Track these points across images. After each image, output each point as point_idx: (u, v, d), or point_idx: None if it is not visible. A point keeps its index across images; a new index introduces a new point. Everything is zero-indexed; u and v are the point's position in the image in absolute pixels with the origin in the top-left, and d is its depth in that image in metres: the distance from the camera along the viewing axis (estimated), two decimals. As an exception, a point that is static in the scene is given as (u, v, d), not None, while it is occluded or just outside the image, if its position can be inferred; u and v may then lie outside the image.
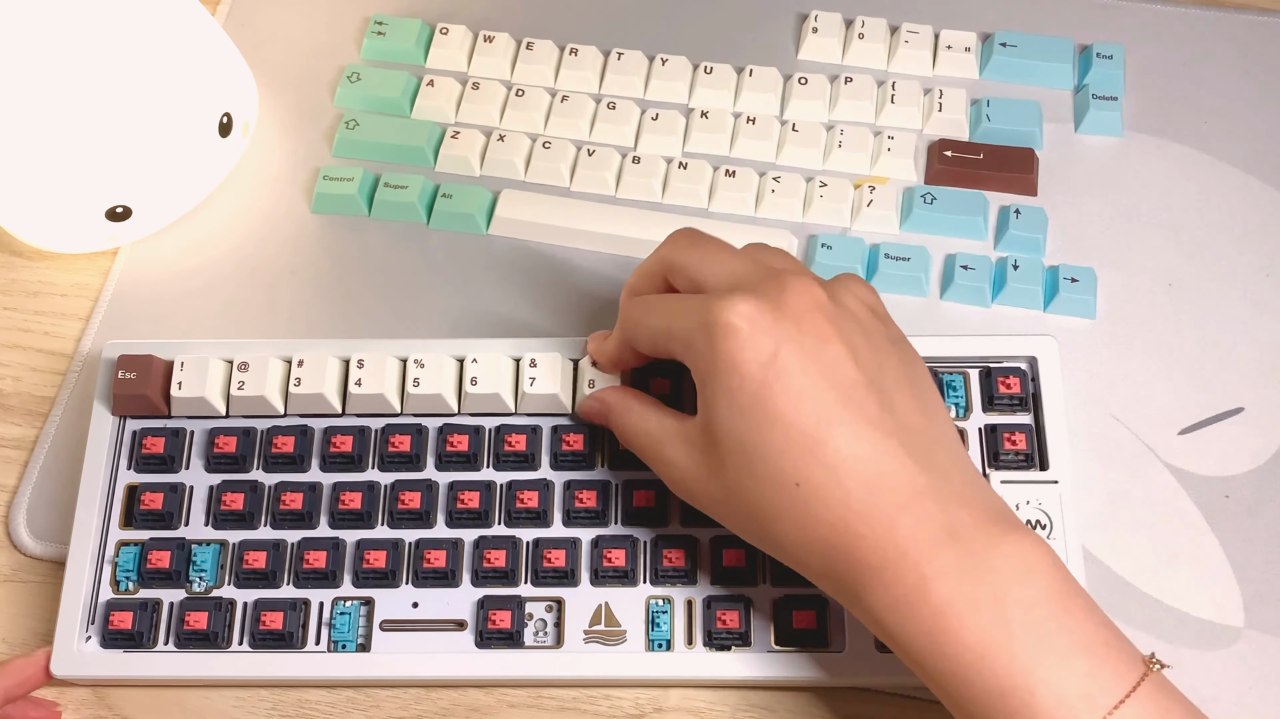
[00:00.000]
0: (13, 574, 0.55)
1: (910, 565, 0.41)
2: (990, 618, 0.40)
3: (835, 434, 0.42)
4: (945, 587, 0.40)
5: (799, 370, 0.42)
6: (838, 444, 0.42)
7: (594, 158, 0.61)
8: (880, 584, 0.41)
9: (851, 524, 0.42)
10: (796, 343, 0.43)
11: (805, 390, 0.42)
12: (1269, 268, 0.59)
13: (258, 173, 0.62)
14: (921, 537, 0.41)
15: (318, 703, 0.51)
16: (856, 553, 0.42)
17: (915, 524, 0.41)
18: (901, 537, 0.41)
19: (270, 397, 0.53)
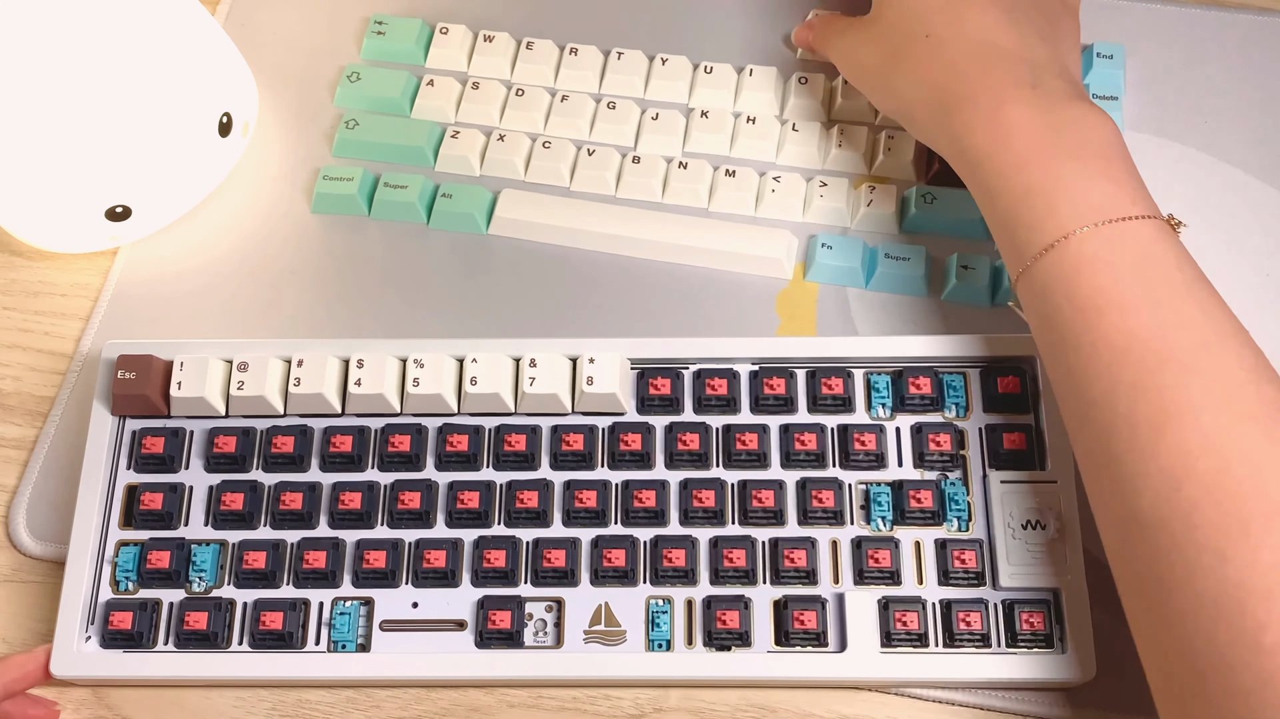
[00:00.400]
0: (13, 574, 0.55)
1: (994, 96, 0.50)
2: (1041, 139, 0.48)
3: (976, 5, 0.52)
4: (1014, 112, 0.49)
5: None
6: (975, 12, 0.52)
7: (594, 158, 0.61)
8: (967, 108, 0.50)
9: (963, 65, 0.51)
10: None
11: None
12: (1269, 268, 0.59)
13: (258, 173, 0.62)
14: (1013, 81, 0.50)
15: (318, 703, 0.51)
16: (957, 86, 0.51)
17: (1011, 73, 0.50)
18: (997, 78, 0.50)
19: (270, 397, 0.53)
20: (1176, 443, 0.43)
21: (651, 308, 0.58)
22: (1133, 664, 0.50)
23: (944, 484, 0.51)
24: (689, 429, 0.52)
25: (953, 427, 0.52)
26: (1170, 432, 0.43)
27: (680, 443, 0.52)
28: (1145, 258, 0.46)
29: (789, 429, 0.52)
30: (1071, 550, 0.50)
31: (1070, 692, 0.50)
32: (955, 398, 0.53)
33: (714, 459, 0.52)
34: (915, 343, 0.53)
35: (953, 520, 0.51)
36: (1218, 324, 0.45)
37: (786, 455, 0.52)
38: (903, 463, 0.52)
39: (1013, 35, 0.52)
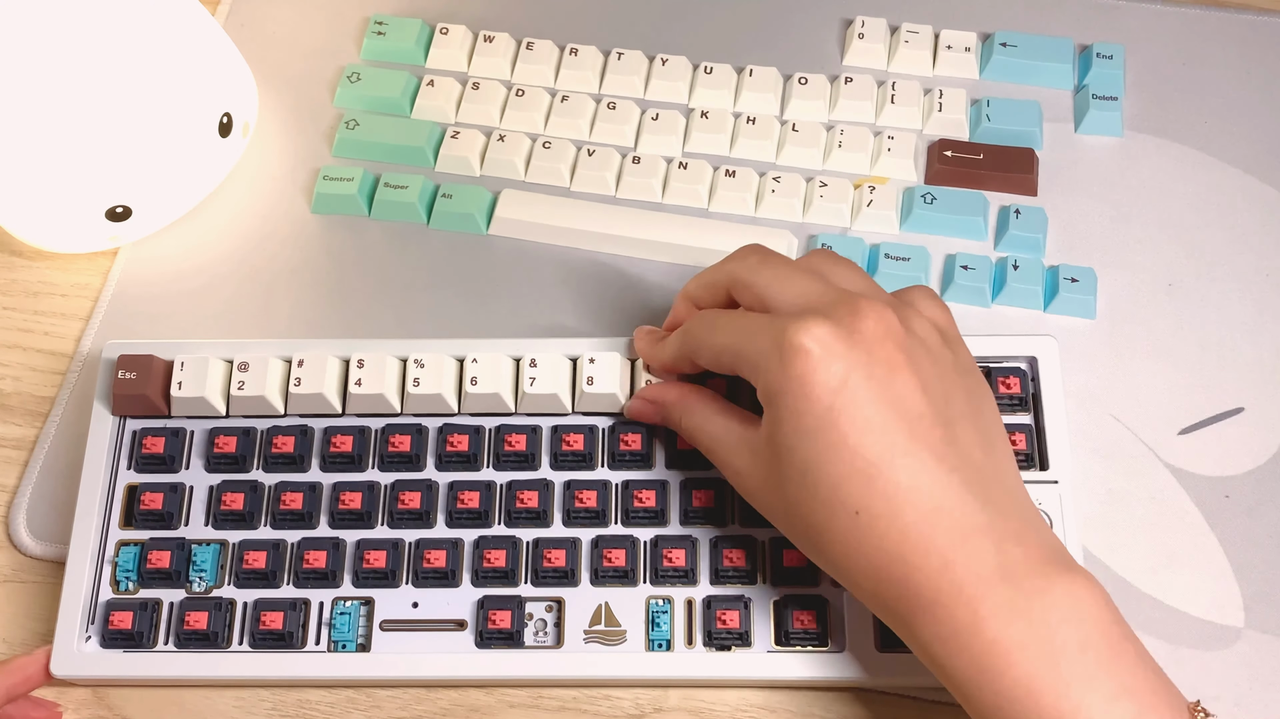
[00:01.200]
0: (13, 574, 0.55)
1: (963, 602, 0.41)
2: (1039, 658, 0.40)
3: (898, 465, 0.42)
4: (996, 625, 0.41)
5: (867, 399, 0.42)
6: (899, 476, 0.42)
7: (594, 158, 0.61)
8: (932, 617, 0.42)
9: (907, 556, 0.42)
10: (867, 370, 0.43)
11: (872, 419, 0.42)
12: (1269, 268, 0.59)
13: (258, 173, 0.62)
14: (975, 574, 0.41)
15: (318, 703, 0.51)
16: (910, 585, 0.42)
17: (969, 561, 0.41)
18: (956, 573, 0.41)
19: (270, 397, 0.53)
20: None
21: (651, 308, 0.58)
22: (1133, 664, 0.50)
23: (944, 484, 0.51)
24: (689, 429, 0.52)
25: (953, 426, 0.52)
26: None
27: (680, 443, 0.52)
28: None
29: (789, 429, 0.52)
30: (1071, 550, 0.50)
31: (1070, 692, 0.50)
32: (955, 398, 0.53)
33: (714, 459, 0.52)
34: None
35: (953, 520, 0.51)
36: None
37: (786, 455, 0.52)
38: (903, 463, 0.52)
39: (955, 493, 0.42)
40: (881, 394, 0.43)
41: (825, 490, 0.43)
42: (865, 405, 0.42)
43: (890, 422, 0.42)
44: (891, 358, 0.43)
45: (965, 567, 0.41)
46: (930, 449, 0.42)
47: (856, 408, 0.42)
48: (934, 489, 0.42)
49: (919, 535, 0.42)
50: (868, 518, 0.42)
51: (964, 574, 0.41)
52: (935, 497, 0.42)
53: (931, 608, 0.42)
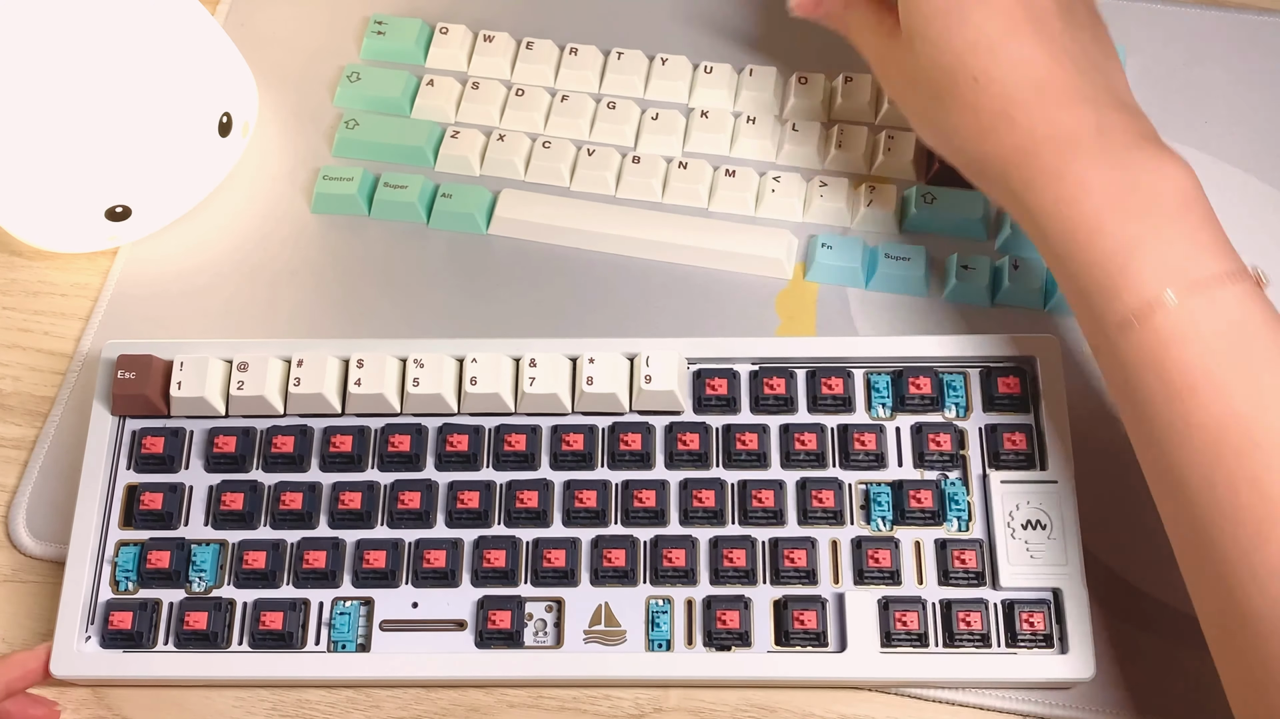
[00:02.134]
0: (12, 574, 0.55)
1: (1056, 148, 0.46)
2: (1113, 197, 0.45)
3: (1018, 39, 0.47)
4: (1080, 167, 0.45)
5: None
6: (1019, 47, 0.47)
7: (594, 157, 0.61)
8: (1028, 163, 0.46)
9: (1015, 115, 0.47)
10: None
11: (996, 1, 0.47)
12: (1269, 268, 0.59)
13: (258, 173, 0.62)
14: (1073, 130, 0.46)
15: (317, 703, 0.51)
16: (1013, 139, 0.47)
17: (1071, 119, 0.46)
18: (1057, 127, 0.46)
19: (270, 396, 0.53)
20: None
21: (651, 308, 0.58)
22: (1133, 664, 0.50)
23: (944, 484, 0.51)
24: (689, 429, 0.52)
25: (953, 426, 0.52)
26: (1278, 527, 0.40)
27: (680, 443, 0.52)
28: (1237, 327, 0.43)
29: (789, 429, 0.52)
30: (1071, 550, 0.50)
31: (1070, 692, 0.50)
32: (955, 398, 0.53)
33: (714, 459, 0.52)
34: (915, 343, 0.53)
35: (953, 520, 0.51)
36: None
37: (786, 455, 0.52)
38: (903, 463, 0.52)
39: (1066, 69, 0.47)
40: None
41: (950, 58, 0.48)
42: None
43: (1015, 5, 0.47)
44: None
45: (1066, 125, 0.46)
46: (1050, 32, 0.47)
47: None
48: (1047, 62, 0.47)
49: (1028, 98, 0.47)
50: (985, 82, 0.47)
51: (1064, 129, 0.46)
52: (1047, 68, 0.47)
53: (1029, 155, 0.46)
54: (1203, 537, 0.42)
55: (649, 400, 0.53)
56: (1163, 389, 0.43)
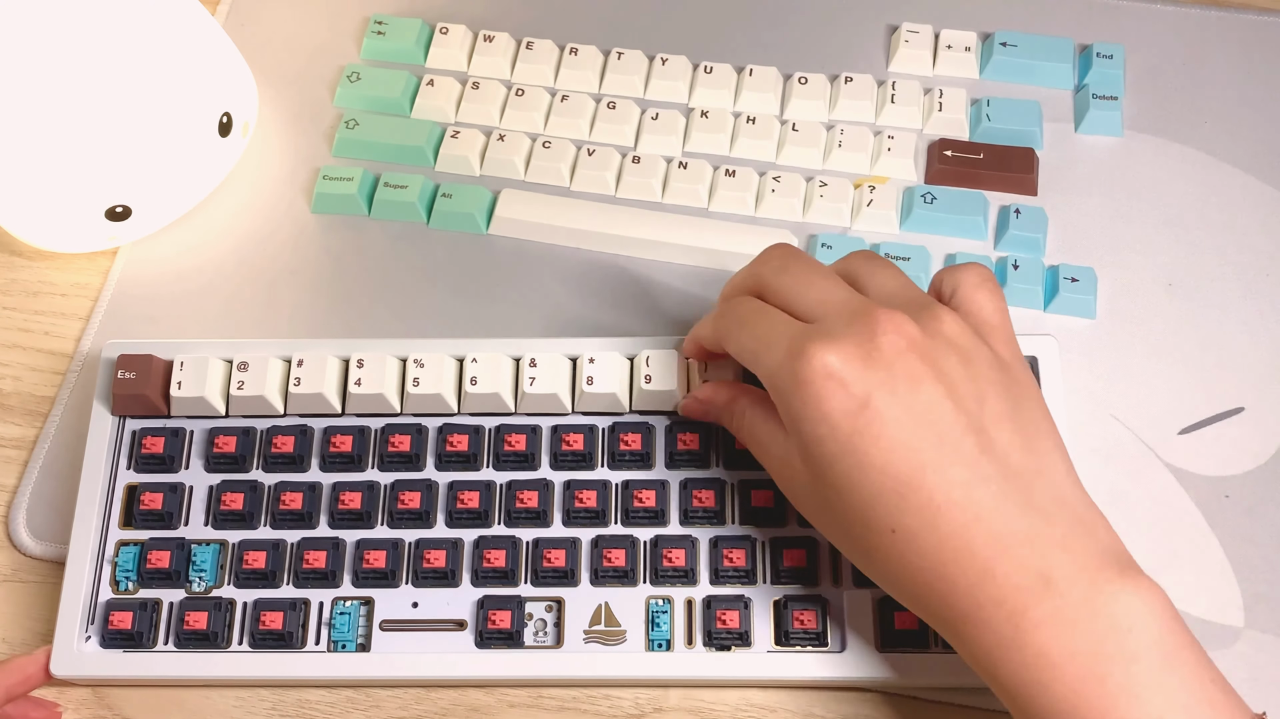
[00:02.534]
0: (12, 574, 0.55)
1: (1005, 614, 0.40)
2: (1085, 671, 0.39)
3: (929, 481, 0.41)
4: (1041, 637, 0.40)
5: (891, 418, 0.41)
6: (931, 491, 0.41)
7: (594, 157, 0.61)
8: (976, 629, 0.41)
9: (946, 571, 0.41)
10: (889, 389, 0.42)
11: (897, 438, 0.41)
12: (1269, 268, 0.59)
13: (257, 173, 0.62)
14: (1016, 585, 0.40)
15: (317, 703, 0.51)
16: (953, 598, 0.41)
17: (1010, 572, 0.40)
18: (997, 585, 0.40)
19: (270, 396, 0.53)
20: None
21: (651, 308, 0.58)
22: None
23: (944, 484, 0.51)
24: (689, 429, 0.52)
25: (953, 426, 0.52)
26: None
27: (680, 442, 0.52)
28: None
29: (789, 429, 0.52)
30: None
31: (1070, 692, 0.50)
32: (955, 398, 0.52)
33: (714, 458, 0.52)
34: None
35: (953, 520, 0.51)
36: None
37: (786, 455, 0.52)
38: (903, 463, 0.52)
39: (994, 502, 0.41)
40: (906, 410, 0.41)
41: (859, 510, 0.42)
42: (889, 425, 0.41)
43: (917, 437, 0.41)
44: (913, 370, 0.42)
45: (1006, 578, 0.40)
46: (962, 460, 0.41)
47: (881, 427, 0.41)
48: (968, 502, 0.41)
49: (956, 549, 0.41)
50: (904, 535, 0.42)
51: (1005, 586, 0.40)
52: (971, 509, 0.41)
53: (975, 620, 0.41)
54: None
55: (649, 400, 0.53)
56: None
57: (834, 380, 0.42)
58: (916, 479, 0.41)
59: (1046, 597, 0.40)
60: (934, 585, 0.42)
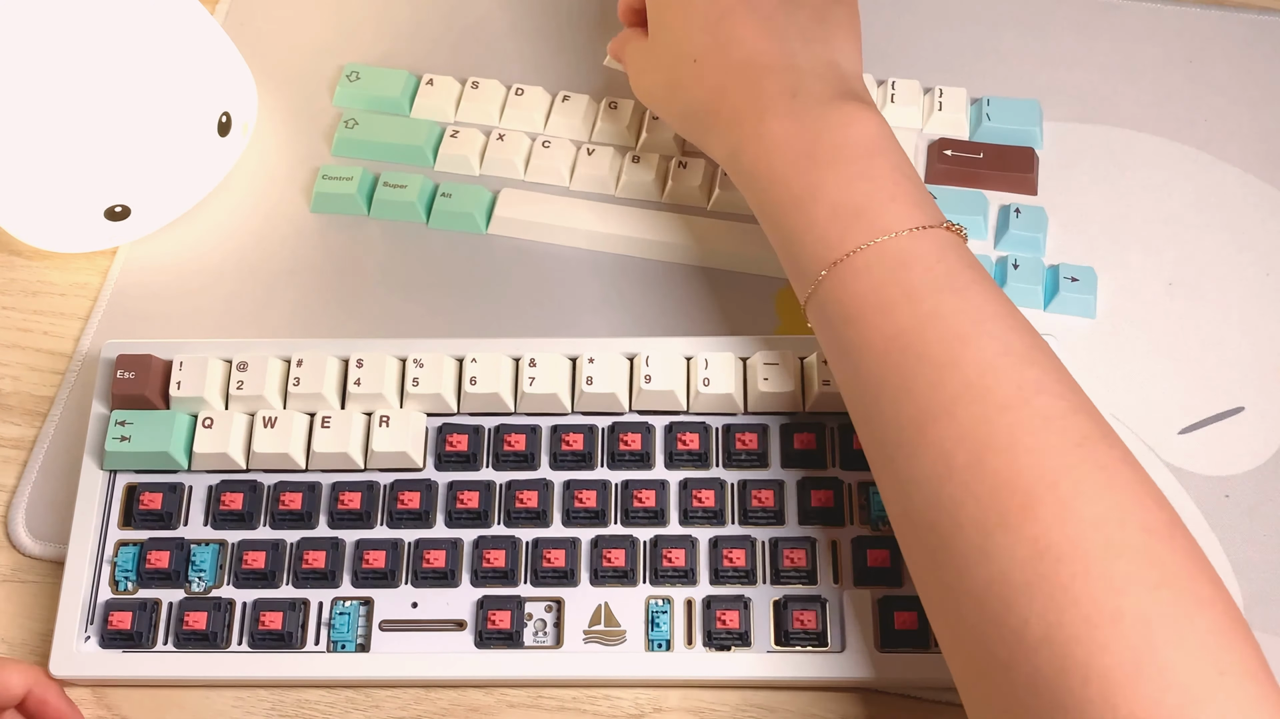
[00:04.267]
0: (11, 574, 0.54)
1: (756, 111, 0.49)
2: (800, 152, 0.48)
3: (730, 21, 0.51)
4: (775, 125, 0.49)
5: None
6: (730, 28, 0.51)
7: (594, 157, 0.61)
8: (737, 126, 0.50)
9: (727, 86, 0.51)
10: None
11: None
12: (1269, 268, 0.59)
13: (257, 172, 0.62)
14: (772, 93, 0.49)
15: (317, 703, 0.51)
16: (723, 108, 0.51)
17: (772, 84, 0.49)
18: (757, 94, 0.50)
19: (269, 396, 0.53)
20: (936, 441, 0.42)
21: (651, 308, 0.58)
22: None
23: (944, 484, 0.51)
24: (689, 429, 0.52)
25: (953, 426, 0.52)
26: (931, 430, 0.43)
27: (680, 442, 0.52)
28: (904, 258, 0.45)
29: (788, 429, 0.52)
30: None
31: (1070, 692, 0.50)
32: (955, 398, 0.52)
33: (714, 459, 0.52)
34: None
35: (953, 520, 0.51)
36: (978, 312, 0.44)
37: (785, 455, 0.52)
38: (903, 463, 0.52)
39: (774, 46, 0.50)
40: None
41: (676, 45, 0.52)
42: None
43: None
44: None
45: (765, 90, 0.49)
46: (762, 14, 0.51)
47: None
48: (755, 40, 0.50)
49: (737, 71, 0.50)
50: (703, 61, 0.51)
51: (764, 93, 0.49)
52: (754, 44, 0.50)
53: (737, 119, 0.50)
54: (879, 448, 0.45)
55: (649, 400, 0.53)
56: (842, 322, 0.46)
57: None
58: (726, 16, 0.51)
59: (791, 101, 0.49)
60: (716, 101, 0.51)
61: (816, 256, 0.47)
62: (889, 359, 0.44)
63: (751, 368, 0.53)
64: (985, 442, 0.41)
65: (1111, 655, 0.38)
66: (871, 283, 0.45)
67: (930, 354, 0.43)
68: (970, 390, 0.42)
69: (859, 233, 0.46)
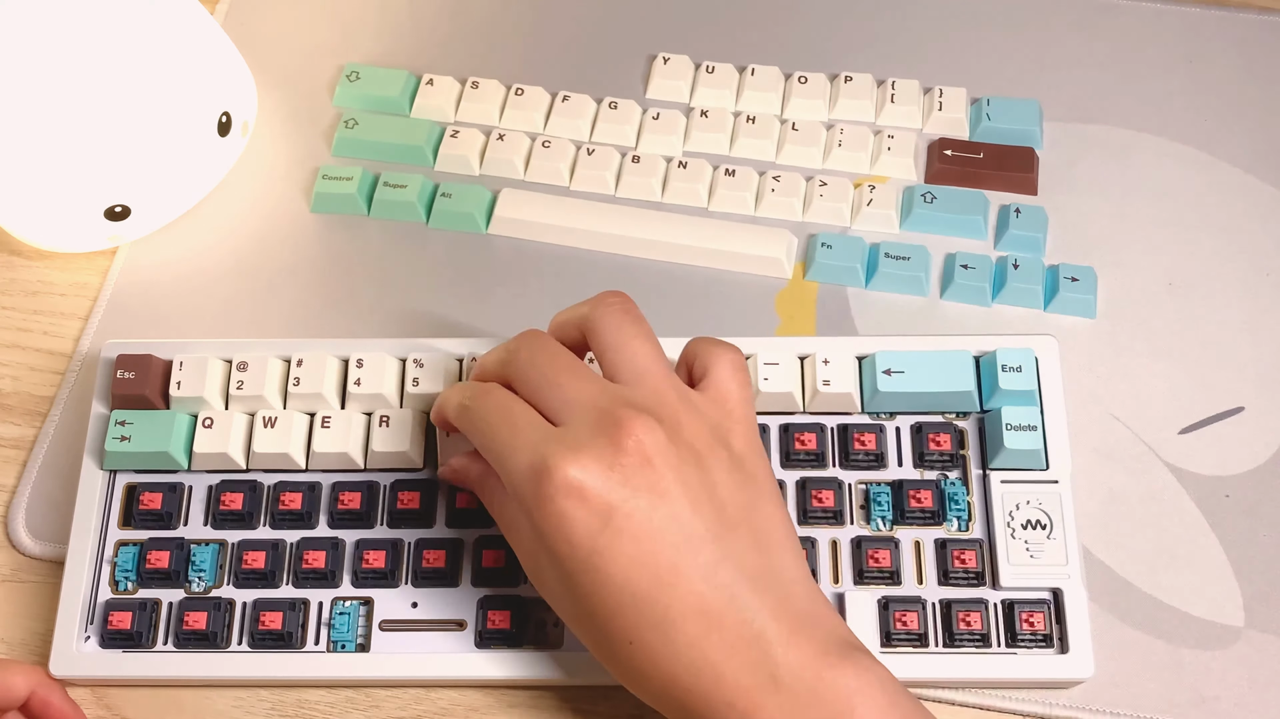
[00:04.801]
0: (11, 574, 0.54)
1: (738, 715, 0.41)
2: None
3: (664, 594, 0.42)
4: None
5: (630, 535, 0.42)
6: (667, 603, 0.42)
7: (594, 157, 0.61)
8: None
9: (680, 679, 0.42)
10: (630, 506, 0.42)
11: (636, 555, 0.42)
12: (1269, 268, 0.59)
13: (257, 172, 0.62)
14: (747, 686, 0.41)
15: (317, 703, 0.51)
16: (688, 702, 0.42)
17: (740, 674, 0.41)
18: (729, 688, 0.41)
19: (269, 396, 0.53)
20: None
21: (651, 308, 0.58)
22: (1132, 664, 0.50)
23: (944, 484, 0.51)
24: (689, 429, 0.52)
25: (952, 426, 0.52)
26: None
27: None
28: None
29: (789, 429, 0.52)
30: (1071, 550, 0.50)
31: (1070, 691, 0.50)
32: (955, 398, 0.53)
33: (714, 459, 0.52)
34: (915, 343, 0.53)
35: (952, 520, 0.51)
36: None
37: (786, 455, 0.52)
38: (902, 462, 0.52)
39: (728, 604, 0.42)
40: (645, 527, 0.42)
41: (600, 621, 0.43)
42: (629, 541, 0.42)
43: (656, 554, 0.42)
44: (655, 484, 0.42)
45: (737, 680, 0.41)
46: (699, 571, 0.42)
47: (620, 546, 0.42)
48: (703, 612, 0.42)
49: (691, 658, 0.42)
50: (640, 647, 0.42)
51: (736, 688, 0.41)
52: (705, 618, 0.42)
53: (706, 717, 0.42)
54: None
55: (649, 400, 0.53)
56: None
57: (574, 498, 0.42)
58: (653, 594, 0.42)
59: (775, 693, 0.41)
60: (672, 693, 0.42)
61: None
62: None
63: (752, 368, 0.53)
64: None
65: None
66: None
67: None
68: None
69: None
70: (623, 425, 0.43)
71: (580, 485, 0.42)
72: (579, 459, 0.42)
